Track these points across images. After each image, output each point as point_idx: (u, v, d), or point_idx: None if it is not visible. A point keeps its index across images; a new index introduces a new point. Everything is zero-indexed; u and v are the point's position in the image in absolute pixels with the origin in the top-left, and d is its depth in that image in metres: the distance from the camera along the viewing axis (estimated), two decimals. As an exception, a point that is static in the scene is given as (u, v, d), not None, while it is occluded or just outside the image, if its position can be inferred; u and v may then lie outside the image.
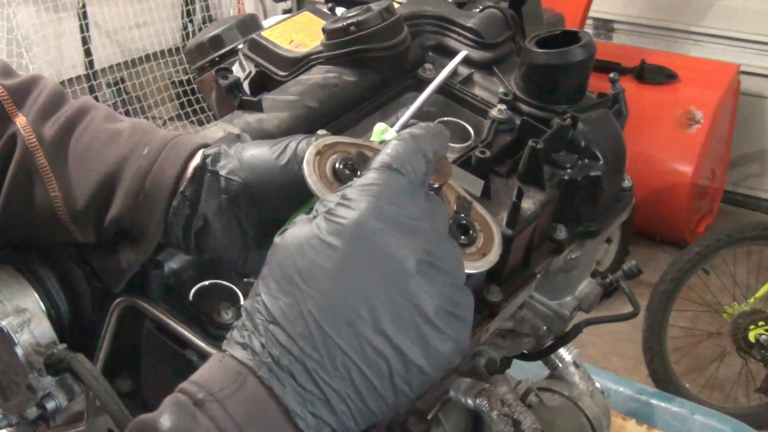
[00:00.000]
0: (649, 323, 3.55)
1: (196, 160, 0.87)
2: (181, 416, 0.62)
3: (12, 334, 0.92)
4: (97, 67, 5.35)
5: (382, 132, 0.90)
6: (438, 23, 1.35)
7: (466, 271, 0.75)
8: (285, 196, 0.82)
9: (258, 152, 0.86)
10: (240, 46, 1.37)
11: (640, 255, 4.30)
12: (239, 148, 0.88)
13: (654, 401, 2.20)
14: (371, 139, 0.90)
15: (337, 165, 0.77)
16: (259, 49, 1.30)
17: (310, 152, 0.77)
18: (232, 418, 0.62)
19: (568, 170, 1.23)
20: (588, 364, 1.72)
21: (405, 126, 0.95)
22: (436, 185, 0.78)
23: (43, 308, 0.96)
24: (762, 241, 3.56)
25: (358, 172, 0.76)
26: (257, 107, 1.16)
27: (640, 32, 4.96)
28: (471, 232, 0.82)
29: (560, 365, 1.66)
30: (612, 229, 1.35)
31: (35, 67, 4.71)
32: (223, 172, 0.85)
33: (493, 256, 0.81)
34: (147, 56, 5.47)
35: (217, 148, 0.88)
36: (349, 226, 0.64)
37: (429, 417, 1.19)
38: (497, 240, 0.84)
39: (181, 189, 0.86)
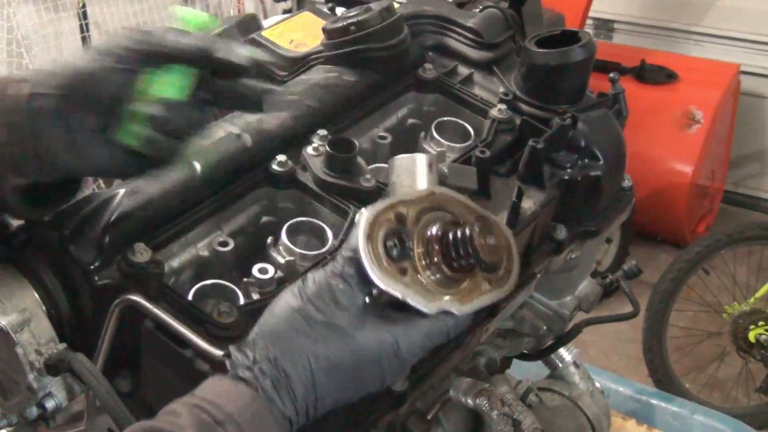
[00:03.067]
0: (649, 323, 3.55)
1: None
2: None
3: (12, 334, 0.92)
4: (97, 66, 5.34)
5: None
6: (438, 23, 1.36)
7: (498, 297, 0.87)
8: None
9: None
10: (240, 46, 1.37)
11: (640, 255, 4.30)
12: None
13: (654, 401, 2.20)
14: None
15: (387, 243, 0.82)
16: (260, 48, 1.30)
17: (362, 242, 0.80)
18: None
19: (568, 170, 1.23)
20: (588, 364, 1.72)
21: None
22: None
23: (43, 308, 0.96)
24: (762, 241, 3.56)
25: (406, 242, 0.82)
26: (257, 107, 1.16)
27: (640, 32, 4.96)
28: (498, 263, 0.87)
29: (560, 365, 1.66)
30: (612, 229, 1.36)
31: (35, 67, 4.71)
32: None
33: (513, 279, 0.89)
34: (147, 56, 5.46)
35: None
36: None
37: (429, 417, 1.19)
38: (515, 266, 0.90)
39: None
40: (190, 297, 0.94)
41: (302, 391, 0.78)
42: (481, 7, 1.39)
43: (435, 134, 1.22)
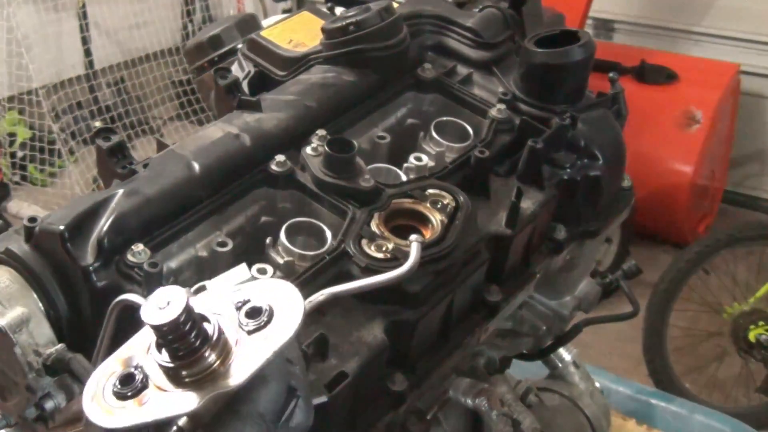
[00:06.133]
0: (649, 323, 3.55)
1: None
2: None
3: (11, 335, 0.92)
4: (97, 67, 5.35)
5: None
6: (437, 23, 1.35)
7: (279, 346, 0.73)
8: None
9: None
10: (239, 46, 1.37)
11: (640, 255, 4.29)
12: None
13: (654, 401, 2.20)
14: None
15: (114, 390, 0.73)
16: (259, 48, 1.30)
17: (86, 405, 0.73)
18: None
19: (568, 170, 1.23)
20: (588, 364, 1.72)
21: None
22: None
23: (42, 308, 0.96)
24: (762, 241, 3.56)
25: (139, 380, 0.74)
26: (256, 107, 1.16)
27: (640, 32, 4.96)
28: (260, 310, 0.76)
29: (560, 365, 1.66)
30: (612, 229, 1.35)
31: (35, 67, 4.71)
32: None
33: (297, 316, 0.77)
34: (147, 56, 5.47)
35: None
36: None
37: (428, 417, 1.19)
38: (297, 302, 0.78)
39: None
40: (189, 297, 0.94)
41: None
42: (480, 7, 1.39)
43: (434, 134, 1.22)
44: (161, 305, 0.72)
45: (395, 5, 1.30)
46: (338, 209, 1.06)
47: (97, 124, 5.05)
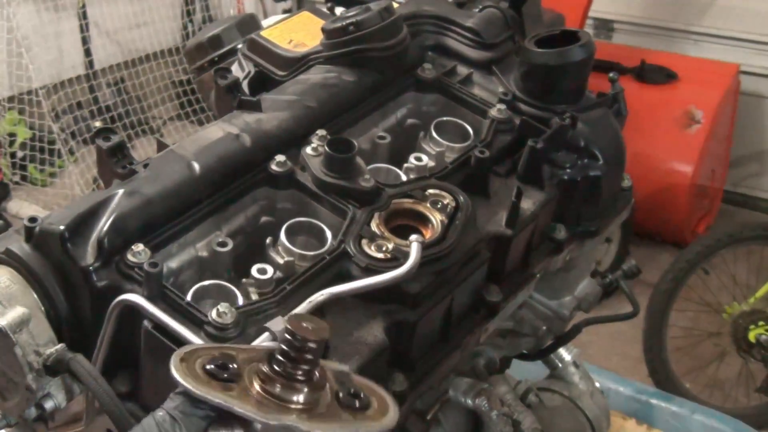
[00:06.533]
0: (649, 323, 3.55)
1: None
2: None
3: (11, 335, 0.92)
4: (97, 67, 5.35)
5: None
6: (437, 23, 1.35)
7: (376, 428, 0.78)
8: None
9: None
10: (239, 46, 1.37)
11: (640, 255, 4.30)
12: None
13: (654, 401, 2.20)
14: None
15: (207, 366, 0.77)
16: (259, 48, 1.30)
17: (174, 361, 0.76)
18: None
19: (568, 170, 1.23)
20: (588, 364, 1.72)
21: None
22: (312, 344, 0.76)
23: (42, 308, 0.96)
24: (762, 241, 3.56)
25: (229, 365, 0.77)
26: (256, 107, 1.16)
27: (640, 32, 4.96)
28: (362, 395, 0.81)
29: (560, 365, 1.66)
30: (612, 229, 1.36)
31: (35, 67, 4.71)
32: None
33: (393, 414, 0.81)
34: (147, 56, 5.47)
35: None
36: None
37: (428, 417, 1.19)
38: (390, 402, 0.83)
39: None
40: (189, 297, 0.94)
41: None
42: (480, 7, 1.39)
43: (434, 134, 1.22)
44: (306, 322, 0.78)
45: (395, 5, 1.30)
46: (338, 209, 1.06)
47: (97, 124, 5.05)
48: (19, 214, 4.70)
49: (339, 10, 1.43)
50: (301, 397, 0.77)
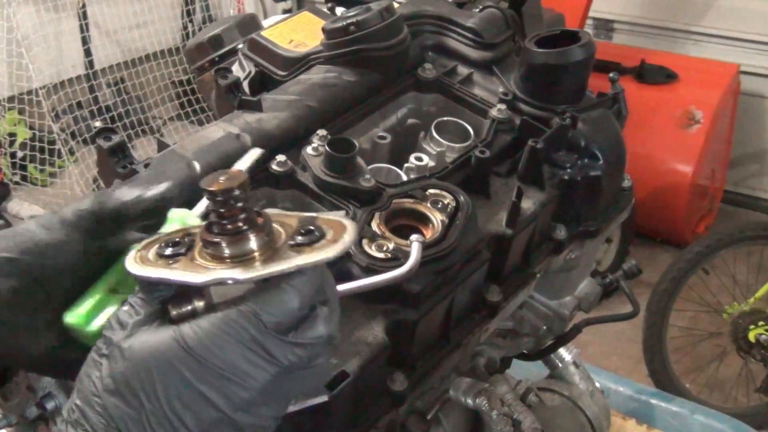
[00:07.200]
0: (649, 323, 3.55)
1: None
2: None
3: (11, 334, 0.92)
4: (97, 67, 5.35)
5: (183, 219, 0.89)
6: (438, 23, 1.35)
7: (320, 258, 0.73)
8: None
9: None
10: (240, 46, 1.37)
11: (640, 255, 4.30)
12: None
13: (654, 401, 2.20)
14: (166, 224, 0.89)
15: (159, 247, 0.76)
16: (259, 48, 1.30)
17: (130, 254, 0.76)
18: None
19: (568, 170, 1.23)
20: (588, 364, 1.72)
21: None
22: (236, 191, 0.74)
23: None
24: (762, 241, 3.57)
25: (182, 241, 0.76)
26: (257, 107, 1.16)
27: (640, 32, 4.97)
28: (313, 230, 0.77)
29: (560, 365, 1.66)
30: (612, 229, 1.36)
31: (35, 67, 4.71)
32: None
33: (347, 237, 0.76)
34: (147, 56, 5.47)
35: None
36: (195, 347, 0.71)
37: (429, 417, 1.19)
38: (349, 227, 0.78)
39: None
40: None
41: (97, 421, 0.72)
42: (480, 7, 1.39)
43: (435, 134, 1.22)
44: (222, 176, 0.74)
45: (395, 5, 1.30)
46: (339, 209, 1.06)
47: (98, 124, 5.03)
48: (19, 214, 4.70)
49: (339, 10, 1.44)
50: (252, 245, 0.73)
